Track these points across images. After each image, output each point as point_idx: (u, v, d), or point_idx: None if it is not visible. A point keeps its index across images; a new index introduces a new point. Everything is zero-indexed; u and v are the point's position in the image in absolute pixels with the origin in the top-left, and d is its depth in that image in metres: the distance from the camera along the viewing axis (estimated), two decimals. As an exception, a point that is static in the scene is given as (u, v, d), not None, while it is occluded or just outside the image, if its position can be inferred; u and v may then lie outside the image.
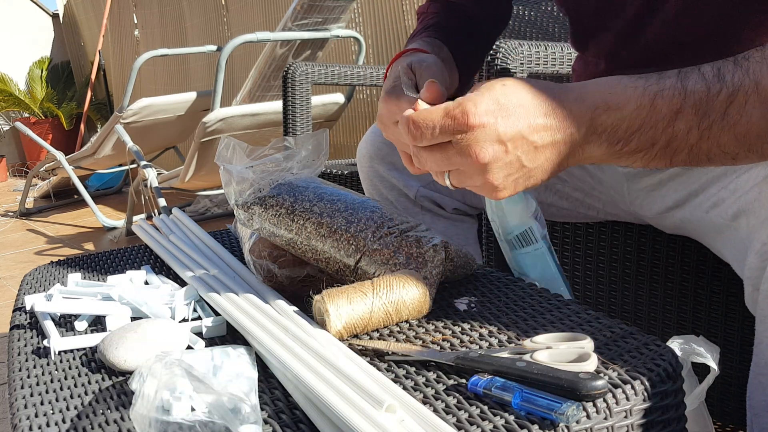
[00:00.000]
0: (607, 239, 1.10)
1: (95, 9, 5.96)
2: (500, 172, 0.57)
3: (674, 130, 0.56)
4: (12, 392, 0.64)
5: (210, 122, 2.70)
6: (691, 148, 0.57)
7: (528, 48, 1.40)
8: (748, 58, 0.56)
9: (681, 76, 0.56)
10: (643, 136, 0.56)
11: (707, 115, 0.55)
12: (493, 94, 0.56)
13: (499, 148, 0.56)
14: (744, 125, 0.55)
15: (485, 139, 0.55)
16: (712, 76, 0.56)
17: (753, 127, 0.56)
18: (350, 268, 0.75)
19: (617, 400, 0.53)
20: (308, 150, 0.83)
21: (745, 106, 0.55)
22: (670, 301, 1.03)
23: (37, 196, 4.49)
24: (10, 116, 6.34)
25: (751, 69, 0.55)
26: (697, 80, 0.56)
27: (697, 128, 0.56)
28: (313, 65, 1.94)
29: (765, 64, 0.55)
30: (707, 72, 0.56)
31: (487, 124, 0.55)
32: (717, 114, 0.55)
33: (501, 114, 0.55)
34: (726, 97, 0.55)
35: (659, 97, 0.55)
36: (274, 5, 3.93)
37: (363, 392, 0.53)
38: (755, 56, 0.56)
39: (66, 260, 1.03)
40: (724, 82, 0.55)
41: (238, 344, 0.66)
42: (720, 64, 0.56)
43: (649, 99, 0.56)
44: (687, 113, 0.55)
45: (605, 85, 0.57)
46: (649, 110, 0.55)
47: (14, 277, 2.86)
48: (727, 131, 0.56)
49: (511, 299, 0.73)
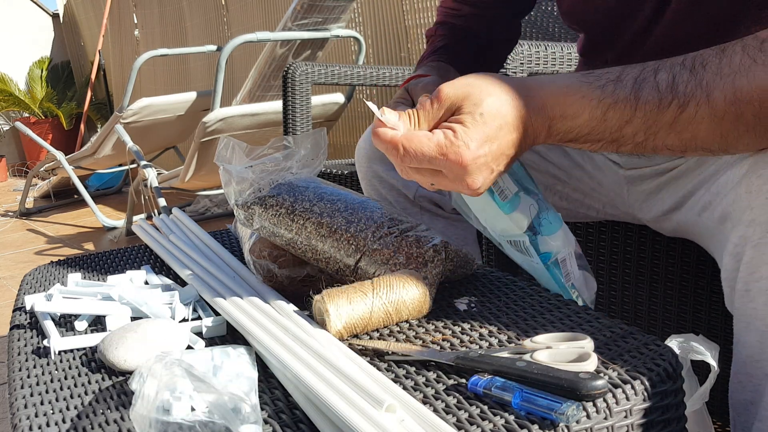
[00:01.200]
0: (607, 239, 1.10)
1: (95, 9, 5.96)
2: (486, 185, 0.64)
3: (621, 134, 0.61)
4: (12, 392, 0.64)
5: (210, 122, 2.70)
6: (636, 145, 0.61)
7: (528, 48, 1.40)
8: (705, 66, 0.58)
9: (636, 87, 0.59)
10: (591, 137, 0.62)
11: (655, 123, 0.59)
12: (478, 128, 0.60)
13: (487, 172, 0.63)
14: (690, 132, 0.59)
15: (478, 171, 0.62)
16: (665, 87, 0.58)
17: (700, 134, 0.59)
18: (350, 268, 0.75)
19: (617, 400, 0.53)
20: (307, 149, 0.83)
21: (695, 116, 0.58)
22: (670, 301, 1.03)
23: (37, 196, 4.50)
24: (10, 116, 6.35)
25: (705, 80, 0.57)
26: (650, 91, 0.59)
27: (644, 133, 0.60)
28: (313, 65, 1.94)
29: (719, 74, 0.57)
30: (662, 81, 0.59)
31: (478, 160, 0.61)
32: (665, 122, 0.59)
33: (487, 145, 0.61)
34: (676, 108, 0.58)
35: (611, 110, 0.60)
36: (274, 5, 3.93)
37: (363, 392, 0.53)
38: (712, 64, 0.57)
39: (66, 260, 1.03)
40: (676, 94, 0.58)
41: (238, 344, 0.66)
42: (677, 72, 0.59)
43: (602, 111, 0.60)
44: (636, 122, 0.59)
45: (564, 94, 0.61)
46: (600, 121, 0.60)
47: (14, 277, 2.86)
48: (674, 136, 0.59)
49: (511, 299, 0.73)
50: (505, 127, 0.61)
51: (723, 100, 0.56)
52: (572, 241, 0.79)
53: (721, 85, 0.56)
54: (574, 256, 0.79)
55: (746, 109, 0.56)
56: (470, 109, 0.61)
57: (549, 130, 0.62)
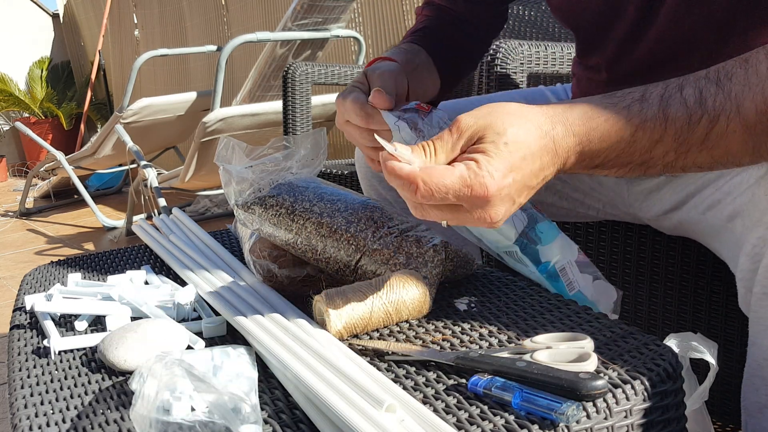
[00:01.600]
0: (607, 239, 1.10)
1: (95, 9, 5.96)
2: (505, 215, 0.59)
3: (651, 155, 0.58)
4: (12, 392, 0.64)
5: (210, 122, 2.70)
6: (665, 166, 0.59)
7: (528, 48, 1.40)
8: (731, 78, 0.55)
9: (663, 104, 0.57)
10: (619, 161, 0.59)
11: (686, 141, 0.56)
12: (503, 159, 0.56)
13: (509, 204, 0.58)
14: (723, 147, 0.56)
15: (501, 203, 0.57)
16: (694, 102, 0.56)
17: (731, 148, 0.56)
18: (350, 268, 0.75)
19: (617, 400, 0.53)
20: (307, 149, 0.83)
21: (726, 130, 0.55)
22: (670, 301, 1.03)
23: (37, 196, 4.50)
24: (10, 116, 6.34)
25: (734, 92, 0.55)
26: (678, 107, 0.56)
27: (674, 152, 0.57)
28: (313, 65, 1.94)
29: (748, 85, 0.55)
30: (689, 97, 0.56)
31: (503, 191, 0.56)
32: (697, 140, 0.56)
33: (511, 176, 0.56)
34: (707, 123, 0.55)
35: (640, 130, 0.57)
36: (274, 5, 3.93)
37: (363, 392, 0.53)
38: (738, 75, 0.55)
39: (66, 260, 1.03)
40: (705, 108, 0.55)
41: (238, 344, 0.66)
42: (702, 86, 0.56)
43: (630, 132, 0.57)
44: (667, 141, 0.57)
45: (588, 118, 0.58)
46: (629, 143, 0.57)
47: (14, 277, 2.86)
48: (705, 153, 0.57)
49: (511, 299, 0.73)
50: (530, 157, 0.57)
51: (754, 111, 0.54)
52: (573, 250, 0.78)
53: (750, 96, 0.54)
54: (576, 264, 0.78)
55: None
56: (493, 138, 0.57)
57: (578, 156, 0.58)
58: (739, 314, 0.95)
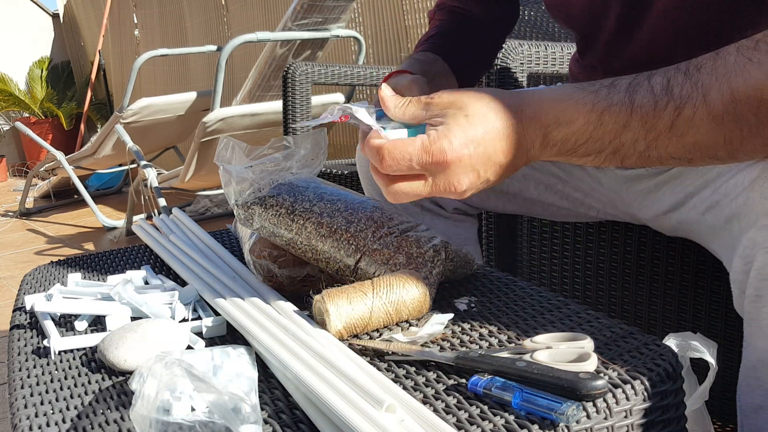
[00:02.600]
0: (607, 239, 1.10)
1: (95, 9, 5.96)
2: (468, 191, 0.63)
3: (621, 141, 0.59)
4: (12, 392, 0.64)
5: (210, 122, 2.70)
6: (639, 155, 0.60)
7: (528, 48, 1.40)
8: (700, 68, 0.57)
9: (630, 90, 0.59)
10: (590, 146, 0.60)
11: (654, 127, 0.58)
12: (464, 129, 0.60)
13: (473, 175, 0.62)
14: (692, 136, 0.57)
15: (462, 171, 0.61)
16: (660, 90, 0.57)
17: (701, 138, 0.57)
18: (350, 268, 0.75)
19: (617, 400, 0.53)
20: (307, 149, 0.83)
21: (693, 118, 0.56)
22: (670, 301, 1.03)
23: (37, 196, 4.49)
24: (10, 116, 6.34)
25: (701, 81, 0.56)
26: (645, 94, 0.58)
27: (644, 139, 0.59)
28: (313, 65, 1.94)
29: (715, 75, 0.56)
30: (656, 85, 0.58)
31: (463, 159, 0.60)
32: (663, 126, 0.58)
33: (472, 146, 0.60)
34: (673, 110, 0.57)
35: (607, 113, 0.59)
36: (274, 5, 3.93)
37: (363, 392, 0.53)
38: (707, 66, 0.57)
39: (66, 260, 1.03)
40: (671, 96, 0.57)
41: (238, 344, 0.66)
42: (671, 75, 0.58)
43: (597, 115, 0.59)
44: (633, 126, 0.58)
45: (559, 100, 0.61)
46: (596, 125, 0.59)
47: (14, 277, 2.86)
48: (675, 141, 0.58)
49: (511, 299, 0.73)
50: (492, 132, 0.60)
51: (720, 100, 0.56)
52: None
53: (717, 86, 0.56)
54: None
55: (745, 108, 0.55)
56: (455, 111, 0.61)
57: (545, 139, 0.61)
58: (738, 314, 0.95)
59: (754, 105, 0.55)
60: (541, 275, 1.23)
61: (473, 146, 0.60)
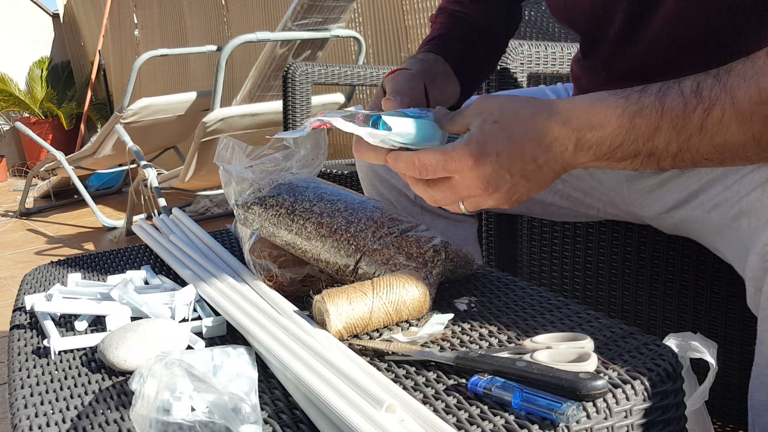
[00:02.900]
0: (607, 239, 1.10)
1: (95, 9, 5.95)
2: (507, 194, 0.64)
3: (654, 144, 0.61)
4: (12, 392, 0.64)
5: (210, 122, 2.70)
6: (674, 157, 0.61)
7: (528, 48, 1.40)
8: (729, 72, 0.58)
9: (660, 94, 0.60)
10: (625, 149, 0.62)
11: (684, 129, 0.59)
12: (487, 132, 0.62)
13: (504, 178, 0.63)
14: (721, 137, 0.58)
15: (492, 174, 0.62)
16: (690, 92, 0.59)
17: (731, 138, 0.58)
18: (350, 268, 0.75)
19: (617, 400, 0.53)
20: (307, 149, 0.83)
21: (722, 119, 0.58)
22: (670, 301, 1.03)
23: (37, 196, 4.49)
24: (10, 116, 6.34)
25: (729, 83, 0.58)
26: (675, 97, 0.59)
27: (676, 141, 0.60)
28: (313, 65, 1.94)
29: (743, 77, 0.57)
30: (686, 88, 0.59)
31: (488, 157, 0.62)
32: (694, 128, 0.59)
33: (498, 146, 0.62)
34: (702, 112, 0.58)
35: (638, 116, 0.60)
36: (274, 5, 3.93)
37: (363, 392, 0.53)
38: (737, 69, 0.58)
39: (66, 260, 1.03)
40: (701, 98, 0.58)
41: (238, 344, 0.66)
42: (701, 79, 0.59)
43: (629, 118, 0.60)
44: (665, 129, 0.60)
45: (589, 105, 0.62)
46: (628, 129, 0.61)
47: (14, 277, 2.86)
48: (706, 143, 0.59)
49: (511, 299, 0.73)
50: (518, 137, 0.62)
51: (748, 101, 0.57)
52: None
53: (745, 87, 0.57)
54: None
55: None
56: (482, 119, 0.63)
57: (578, 142, 0.62)
58: (738, 314, 0.95)
59: None
60: (541, 275, 1.23)
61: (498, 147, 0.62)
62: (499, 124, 0.62)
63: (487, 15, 1.01)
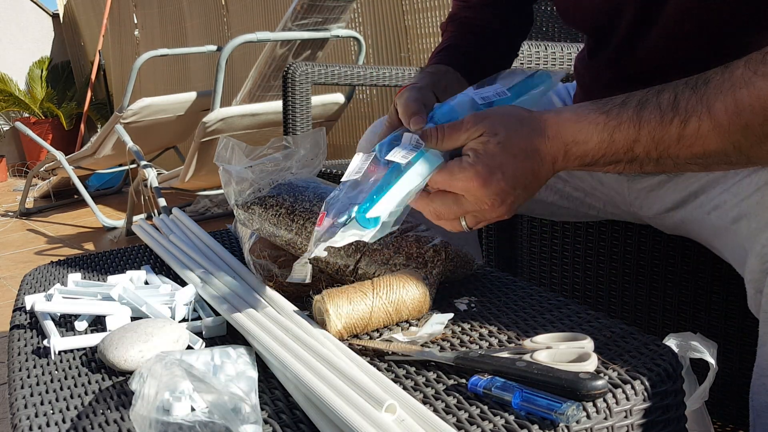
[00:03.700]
0: (607, 239, 1.10)
1: (95, 9, 5.95)
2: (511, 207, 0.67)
3: (634, 153, 0.64)
4: (12, 392, 0.64)
5: (210, 122, 2.70)
6: (655, 162, 0.64)
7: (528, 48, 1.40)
8: (708, 82, 0.59)
9: (638, 107, 0.62)
10: (607, 158, 0.65)
11: (662, 140, 0.61)
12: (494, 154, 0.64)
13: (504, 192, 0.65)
14: (700, 146, 0.60)
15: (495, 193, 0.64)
16: (667, 105, 0.61)
17: (710, 147, 0.60)
18: (350, 268, 0.75)
19: (617, 400, 0.53)
20: (306, 149, 0.83)
21: (699, 130, 0.59)
22: (670, 301, 1.03)
23: (37, 196, 4.49)
24: (10, 116, 6.34)
25: (706, 95, 0.59)
26: (652, 110, 0.62)
27: (655, 150, 0.62)
28: (313, 65, 1.94)
29: (720, 88, 0.58)
30: (664, 101, 0.61)
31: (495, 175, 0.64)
32: (671, 139, 0.61)
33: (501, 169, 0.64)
34: (679, 124, 0.60)
35: (617, 131, 0.63)
36: (274, 5, 3.93)
37: (363, 392, 0.53)
38: (714, 80, 0.59)
39: (66, 260, 1.03)
40: (677, 111, 0.60)
41: (238, 344, 0.66)
42: (679, 90, 0.61)
43: (609, 134, 0.63)
44: (643, 140, 0.62)
45: (575, 121, 0.65)
46: (609, 143, 0.64)
47: (14, 277, 2.86)
48: (685, 151, 0.61)
49: (511, 299, 0.73)
50: (521, 155, 0.65)
51: (724, 112, 0.58)
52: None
53: (722, 98, 0.58)
54: None
55: (752, 119, 0.57)
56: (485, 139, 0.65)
57: (566, 154, 0.66)
58: (738, 315, 0.95)
59: (761, 116, 0.57)
60: (541, 275, 1.23)
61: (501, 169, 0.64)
62: (503, 145, 0.64)
63: (499, 19, 1.01)
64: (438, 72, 0.92)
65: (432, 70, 0.93)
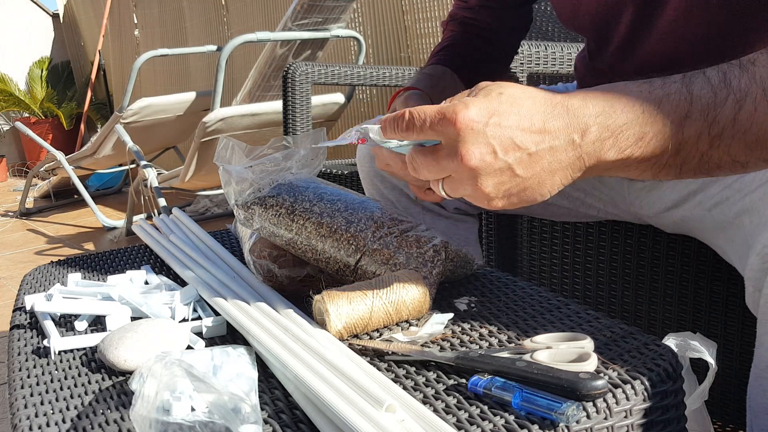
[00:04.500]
0: (607, 239, 1.10)
1: (95, 9, 5.95)
2: (490, 179, 0.54)
3: (684, 136, 0.53)
4: (12, 392, 0.64)
5: (210, 122, 2.70)
6: (701, 156, 0.54)
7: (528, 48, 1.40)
8: (755, 62, 0.53)
9: (686, 81, 0.54)
10: (651, 142, 0.53)
11: (717, 121, 0.53)
12: (488, 100, 0.54)
13: (486, 151, 0.53)
14: (754, 133, 0.53)
15: (473, 141, 0.53)
16: (718, 82, 0.53)
17: (764, 134, 0.53)
18: (350, 268, 0.75)
19: (617, 400, 0.53)
20: (307, 149, 0.83)
21: (755, 113, 0.52)
22: (670, 301, 1.03)
23: (37, 196, 4.49)
24: (10, 116, 6.34)
25: (758, 74, 0.53)
26: (702, 85, 0.53)
27: (708, 134, 0.53)
28: (313, 65, 1.94)
29: None
30: (713, 77, 0.53)
31: (475, 127, 0.53)
32: (727, 121, 0.53)
33: (492, 117, 0.53)
34: (734, 103, 0.52)
35: (665, 102, 0.53)
36: (274, 5, 3.93)
37: (363, 392, 0.53)
38: (761, 60, 0.53)
39: (66, 260, 1.03)
40: (731, 88, 0.53)
41: (238, 344, 0.66)
42: (725, 68, 0.54)
43: (655, 103, 0.53)
44: (695, 119, 0.53)
45: (610, 88, 0.55)
46: (655, 115, 0.53)
47: (14, 277, 2.86)
48: (738, 139, 0.53)
49: (511, 299, 0.73)
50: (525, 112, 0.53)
51: None
52: None
53: None
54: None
55: None
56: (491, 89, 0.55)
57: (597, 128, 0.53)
58: (738, 315, 0.95)
59: None
60: (541, 275, 1.23)
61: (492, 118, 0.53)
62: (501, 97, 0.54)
63: (498, 19, 1.01)
64: (435, 74, 0.93)
65: (430, 72, 0.93)
